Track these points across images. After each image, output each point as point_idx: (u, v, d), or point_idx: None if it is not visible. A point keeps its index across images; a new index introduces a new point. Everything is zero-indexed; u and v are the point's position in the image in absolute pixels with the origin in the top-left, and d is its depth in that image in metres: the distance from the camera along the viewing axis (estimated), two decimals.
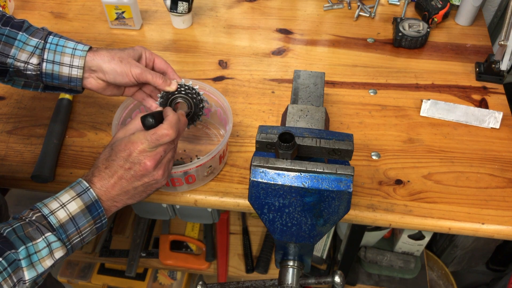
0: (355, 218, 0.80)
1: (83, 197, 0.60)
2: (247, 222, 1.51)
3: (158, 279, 1.57)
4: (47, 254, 0.57)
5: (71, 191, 0.61)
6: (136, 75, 0.73)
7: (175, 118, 0.65)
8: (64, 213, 0.59)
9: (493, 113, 0.93)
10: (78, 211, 0.60)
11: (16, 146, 0.90)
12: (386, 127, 0.93)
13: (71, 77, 0.73)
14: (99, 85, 0.75)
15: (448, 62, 1.07)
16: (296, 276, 0.71)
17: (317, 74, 0.85)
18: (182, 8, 1.11)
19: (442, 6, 1.12)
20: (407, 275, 1.39)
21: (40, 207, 0.59)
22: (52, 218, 0.58)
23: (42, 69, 0.72)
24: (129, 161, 0.62)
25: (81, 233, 0.60)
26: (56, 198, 0.60)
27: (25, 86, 0.78)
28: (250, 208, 0.78)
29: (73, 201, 0.60)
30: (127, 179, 0.63)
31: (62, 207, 0.59)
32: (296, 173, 0.60)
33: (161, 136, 0.63)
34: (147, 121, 0.64)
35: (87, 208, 0.60)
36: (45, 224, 0.57)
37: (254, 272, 1.42)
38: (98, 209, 0.62)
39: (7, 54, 0.71)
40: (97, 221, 0.62)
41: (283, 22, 1.18)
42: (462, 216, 0.79)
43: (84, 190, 0.61)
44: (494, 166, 0.86)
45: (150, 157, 0.63)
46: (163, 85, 0.75)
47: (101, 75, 0.74)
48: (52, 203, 0.59)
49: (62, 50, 0.72)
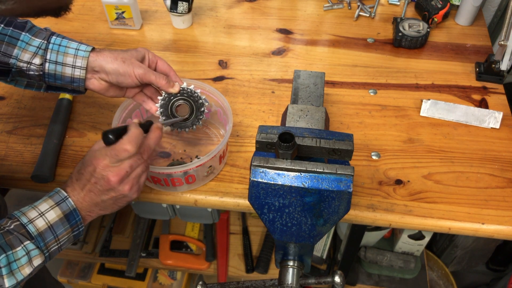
0: (355, 218, 0.80)
1: (61, 206, 0.61)
2: (247, 222, 1.51)
3: (158, 279, 1.57)
4: (26, 262, 0.57)
5: (49, 200, 0.61)
6: (139, 76, 0.73)
7: (136, 133, 0.65)
8: (42, 222, 0.59)
9: (493, 113, 0.93)
10: (57, 220, 0.61)
11: (16, 146, 0.90)
12: (386, 127, 0.93)
13: (73, 78, 0.73)
14: (102, 86, 0.75)
15: (448, 62, 1.07)
16: (296, 276, 0.71)
17: (317, 74, 0.85)
18: (182, 8, 1.11)
19: (442, 6, 1.12)
20: (407, 275, 1.39)
21: (18, 216, 0.59)
22: (30, 226, 0.59)
23: (44, 69, 0.72)
24: (94, 176, 0.63)
25: (59, 241, 0.61)
26: (35, 207, 0.61)
27: (27, 86, 0.78)
28: (250, 208, 0.78)
29: (51, 210, 0.61)
30: (95, 192, 0.64)
31: (41, 215, 0.60)
32: (296, 173, 0.60)
33: (119, 152, 0.62)
34: (107, 137, 0.64)
35: (65, 216, 0.61)
36: (24, 233, 0.58)
37: (254, 272, 1.42)
38: (76, 218, 0.63)
39: (9, 54, 0.71)
40: (75, 229, 0.63)
41: (283, 22, 1.18)
42: (462, 216, 0.79)
43: (63, 199, 0.62)
44: (494, 166, 0.86)
45: (113, 173, 0.63)
46: (166, 86, 0.75)
47: (104, 76, 0.74)
48: (30, 211, 0.60)
49: (65, 50, 0.72)
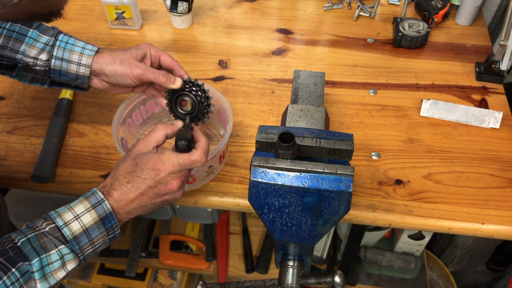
0: (355, 218, 0.80)
1: (97, 209, 0.60)
2: (247, 222, 1.51)
3: (158, 279, 1.57)
4: (59, 266, 0.57)
5: (85, 202, 0.60)
6: (137, 76, 0.73)
7: (207, 144, 0.67)
8: (78, 225, 0.59)
9: (493, 113, 0.93)
10: (92, 223, 0.60)
11: (16, 146, 0.90)
12: (386, 127, 0.93)
13: (78, 75, 0.74)
14: (104, 86, 0.77)
15: (448, 62, 1.07)
16: (296, 276, 0.71)
17: (317, 74, 0.85)
18: (182, 8, 1.11)
19: (442, 6, 1.12)
20: (407, 275, 1.39)
21: (54, 217, 0.58)
22: (66, 230, 0.58)
23: (50, 65, 0.73)
24: (156, 180, 0.63)
25: (94, 244, 0.60)
26: (71, 209, 0.60)
27: (32, 81, 0.79)
28: (250, 208, 0.78)
29: (87, 212, 0.60)
30: (149, 195, 0.64)
31: (76, 218, 0.59)
32: (296, 173, 0.60)
33: (195, 162, 0.65)
34: (181, 145, 0.65)
35: (101, 220, 0.60)
36: (59, 236, 0.57)
37: (254, 272, 1.42)
38: (112, 221, 0.61)
39: (17, 50, 0.72)
40: (110, 232, 0.62)
41: (283, 22, 1.18)
42: (462, 216, 0.79)
43: (99, 201, 0.61)
44: (494, 166, 0.86)
45: (177, 179, 0.64)
46: (167, 83, 0.75)
47: (104, 78, 0.75)
48: (66, 213, 0.59)
49: (72, 48, 0.74)
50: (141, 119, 0.89)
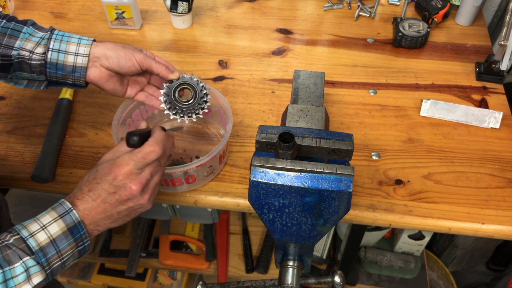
0: (355, 218, 0.80)
1: (65, 218, 0.58)
2: (247, 222, 1.51)
3: (158, 279, 1.57)
4: (24, 280, 0.53)
5: (52, 212, 0.58)
6: (139, 60, 0.74)
7: (162, 135, 0.65)
8: (44, 235, 0.56)
9: (493, 113, 0.93)
10: (60, 233, 0.57)
11: (16, 146, 0.90)
12: (386, 127, 0.93)
13: (75, 67, 0.73)
14: (102, 74, 0.75)
15: (448, 62, 1.07)
16: (296, 276, 0.71)
17: (317, 74, 0.85)
18: (182, 8, 1.11)
19: (442, 6, 1.12)
20: (407, 275, 1.39)
21: (18, 230, 0.56)
22: (31, 240, 0.55)
23: (47, 58, 0.72)
24: (114, 184, 0.60)
25: (62, 256, 0.58)
26: (37, 220, 0.57)
27: (28, 85, 0.77)
28: (250, 208, 0.78)
29: (54, 222, 0.57)
30: (111, 203, 0.61)
31: (43, 229, 0.56)
32: (296, 173, 0.60)
33: (147, 154, 0.62)
34: (132, 139, 0.62)
35: (69, 230, 0.58)
36: (24, 248, 0.54)
37: (254, 272, 1.42)
38: (81, 231, 0.59)
39: (11, 46, 0.71)
40: (79, 244, 0.59)
41: (283, 22, 1.18)
42: (462, 216, 0.79)
43: (67, 211, 0.58)
44: (494, 166, 0.86)
45: (136, 181, 0.61)
46: (166, 72, 0.76)
47: (105, 62, 0.74)
48: (32, 225, 0.57)
49: (68, 40, 0.73)
50: (141, 119, 0.89)
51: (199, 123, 0.93)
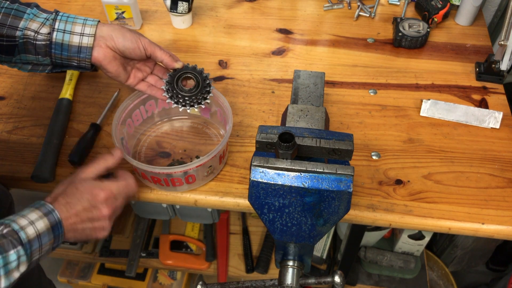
0: (355, 218, 0.80)
1: (49, 217, 0.62)
2: (247, 222, 1.51)
3: (158, 279, 1.57)
4: (15, 267, 0.57)
5: (37, 211, 0.62)
6: (144, 44, 0.76)
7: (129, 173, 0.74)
8: (32, 230, 0.60)
9: (493, 113, 0.93)
10: (44, 230, 0.61)
11: (16, 146, 0.90)
12: (386, 127, 0.93)
13: (81, 47, 0.74)
14: (107, 54, 0.75)
15: (448, 62, 1.07)
16: (296, 276, 0.71)
17: (317, 74, 0.85)
18: (182, 8, 1.11)
19: (442, 6, 1.12)
20: (407, 275, 1.39)
21: (9, 223, 0.59)
22: (22, 233, 0.59)
23: (52, 38, 0.73)
24: (92, 203, 0.66)
25: (41, 250, 0.62)
26: (24, 216, 0.61)
27: (32, 69, 0.78)
28: (250, 208, 0.78)
29: (40, 220, 0.61)
30: (82, 218, 0.66)
31: (31, 224, 0.60)
32: (296, 173, 0.60)
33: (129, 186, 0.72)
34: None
35: (52, 228, 0.62)
36: (17, 239, 0.58)
37: (254, 272, 1.42)
38: (60, 230, 0.63)
39: (16, 26, 0.71)
40: (55, 241, 0.63)
41: (283, 22, 1.18)
42: (462, 216, 0.79)
43: (49, 211, 0.63)
44: (494, 166, 0.86)
45: (109, 207, 0.68)
46: (170, 60, 0.77)
47: (111, 41, 0.75)
48: (20, 219, 0.60)
49: (74, 20, 0.74)
50: (141, 119, 0.90)
51: (199, 123, 0.93)
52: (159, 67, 0.84)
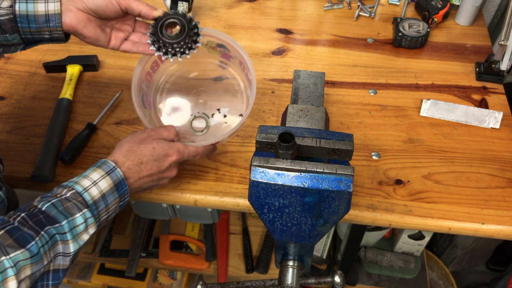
0: (355, 218, 0.80)
1: (111, 175, 0.63)
2: (247, 222, 1.51)
3: (158, 279, 1.57)
4: (83, 229, 0.59)
5: (99, 170, 0.63)
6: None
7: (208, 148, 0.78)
8: (96, 191, 0.61)
9: (493, 113, 0.93)
10: (108, 189, 0.62)
11: (16, 146, 0.90)
12: (386, 127, 0.93)
13: (48, 15, 0.67)
14: (80, 17, 0.68)
15: (448, 62, 1.07)
16: (296, 276, 0.71)
17: (317, 74, 0.85)
18: (182, 8, 1.11)
19: (442, 6, 1.12)
20: (407, 275, 1.39)
21: (71, 185, 0.60)
22: (86, 195, 0.60)
23: (15, 11, 0.66)
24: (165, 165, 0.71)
25: (109, 210, 0.63)
26: (86, 177, 0.62)
27: (4, 51, 0.72)
28: (250, 208, 0.78)
29: (103, 179, 0.62)
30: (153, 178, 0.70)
31: (94, 184, 0.61)
32: (296, 173, 0.60)
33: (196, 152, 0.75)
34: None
35: (115, 186, 0.63)
36: (81, 201, 0.59)
37: (254, 272, 1.42)
38: (124, 187, 0.65)
39: None
40: (122, 199, 0.65)
41: (283, 22, 1.18)
42: (462, 216, 0.79)
43: (111, 169, 0.64)
44: (494, 166, 0.86)
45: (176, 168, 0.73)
46: (148, 9, 0.71)
47: (80, 3, 0.68)
48: (83, 181, 0.61)
49: None
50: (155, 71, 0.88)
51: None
52: (140, 23, 0.77)
